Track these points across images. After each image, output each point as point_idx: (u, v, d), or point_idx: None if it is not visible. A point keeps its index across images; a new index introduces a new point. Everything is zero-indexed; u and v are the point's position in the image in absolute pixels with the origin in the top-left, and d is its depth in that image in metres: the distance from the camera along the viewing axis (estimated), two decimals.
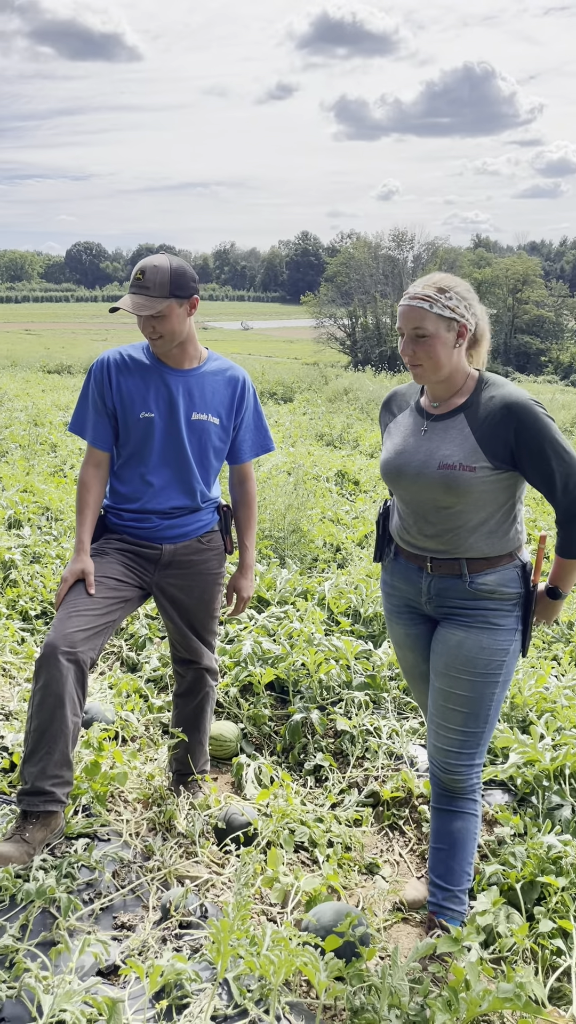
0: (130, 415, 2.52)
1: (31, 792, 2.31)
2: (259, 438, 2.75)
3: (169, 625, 2.75)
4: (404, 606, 2.37)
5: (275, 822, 2.62)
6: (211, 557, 2.71)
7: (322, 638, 3.72)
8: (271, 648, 3.67)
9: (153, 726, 3.41)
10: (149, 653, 4.02)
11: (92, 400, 2.56)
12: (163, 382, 2.53)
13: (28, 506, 6.14)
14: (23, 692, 3.40)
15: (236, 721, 3.46)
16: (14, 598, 4.52)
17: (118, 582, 2.51)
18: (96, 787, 2.63)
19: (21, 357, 27.10)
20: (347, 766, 3.16)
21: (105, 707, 3.31)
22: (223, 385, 2.61)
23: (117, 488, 2.63)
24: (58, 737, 2.30)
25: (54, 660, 2.28)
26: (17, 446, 9.30)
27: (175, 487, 2.58)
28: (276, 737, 3.40)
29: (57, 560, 5.00)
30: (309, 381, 20.62)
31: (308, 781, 3.11)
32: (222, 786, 3.13)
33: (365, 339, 46.41)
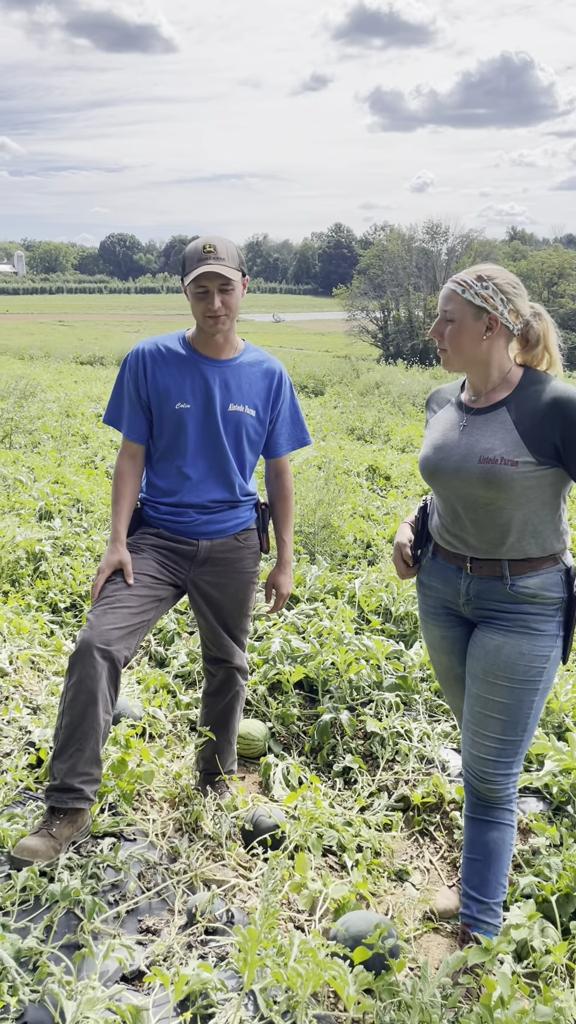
0: (165, 406, 2.48)
1: (60, 788, 2.28)
2: (295, 431, 2.71)
3: (202, 623, 2.71)
4: (441, 607, 2.30)
5: (303, 825, 2.57)
6: (247, 555, 2.67)
7: (352, 637, 3.66)
8: (300, 646, 3.62)
9: (180, 723, 3.38)
10: (178, 648, 3.98)
11: (127, 391, 2.53)
12: (200, 373, 2.48)
13: (59, 498, 6.15)
14: (51, 686, 3.38)
15: (264, 720, 3.42)
16: (44, 590, 4.52)
17: (154, 579, 2.48)
18: (123, 785, 2.60)
19: (54, 348, 27.28)
20: (377, 769, 3.10)
21: (133, 703, 3.29)
22: (260, 377, 2.56)
23: (154, 481, 2.59)
24: (89, 734, 2.27)
25: (88, 656, 2.25)
26: (49, 437, 9.34)
27: (213, 480, 2.54)
28: (304, 737, 3.35)
29: (87, 552, 4.99)
30: (340, 374, 20.49)
31: (337, 783, 3.05)
32: (249, 786, 3.09)
33: (397, 332, 46.06)
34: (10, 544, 4.78)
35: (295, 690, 3.53)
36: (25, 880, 2.09)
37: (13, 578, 4.63)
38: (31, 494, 6.19)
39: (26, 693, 3.31)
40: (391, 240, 51.93)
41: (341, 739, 3.22)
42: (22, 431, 9.38)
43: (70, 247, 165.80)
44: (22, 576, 4.63)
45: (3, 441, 8.93)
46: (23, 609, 4.24)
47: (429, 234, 49.94)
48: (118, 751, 2.76)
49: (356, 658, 3.47)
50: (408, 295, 46.49)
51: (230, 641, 2.73)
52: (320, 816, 2.65)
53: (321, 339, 52.55)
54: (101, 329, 50.85)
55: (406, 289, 46.74)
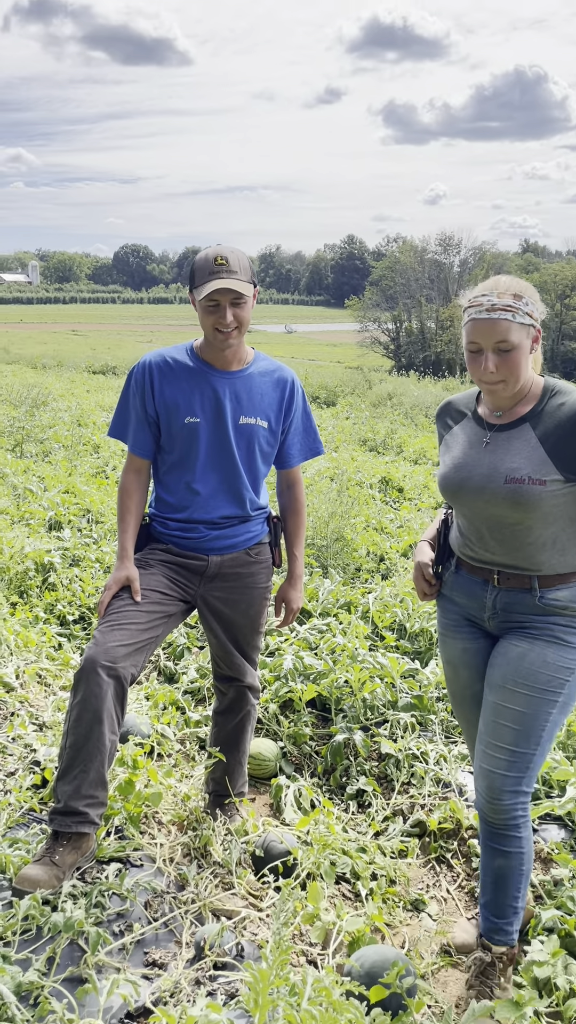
0: (174, 421, 2.40)
1: (63, 812, 2.20)
2: (308, 441, 2.63)
3: (212, 640, 2.63)
4: (463, 620, 2.21)
5: (316, 852, 2.48)
6: (259, 571, 2.59)
7: (366, 654, 3.57)
8: (313, 663, 3.53)
9: (190, 741, 3.30)
10: (187, 664, 3.91)
11: (132, 406, 2.46)
12: (209, 385, 2.41)
13: (69, 507, 6.09)
14: (58, 702, 3.31)
15: (275, 739, 3.33)
16: (52, 602, 4.45)
17: (162, 595, 2.40)
18: (130, 808, 2.52)
19: (67, 357, 27.37)
20: (392, 792, 3.01)
21: (141, 719, 3.20)
22: (271, 387, 2.49)
23: (163, 496, 2.52)
24: (94, 755, 2.19)
25: (93, 675, 2.17)
26: (60, 446, 9.31)
27: (223, 495, 2.47)
28: (317, 758, 3.26)
29: (96, 564, 4.93)
30: (352, 385, 20.44)
31: (350, 806, 2.96)
32: (259, 807, 3.01)
33: (409, 344, 46.06)
34: (19, 555, 4.72)
35: (307, 709, 3.44)
36: (27, 909, 2.01)
37: (21, 589, 4.57)
38: (41, 504, 6.14)
39: (32, 709, 3.24)
40: (404, 252, 52.01)
41: (355, 760, 3.13)
42: (33, 440, 9.35)
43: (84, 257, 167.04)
44: (30, 587, 4.56)
45: (14, 450, 8.90)
46: (31, 621, 4.17)
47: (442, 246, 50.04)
48: (125, 771, 2.67)
49: (370, 676, 3.39)
50: (420, 306, 46.52)
51: (241, 659, 2.65)
52: (333, 842, 2.56)
53: (333, 350, 52.60)
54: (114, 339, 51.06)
55: (418, 301, 46.77)
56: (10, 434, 9.41)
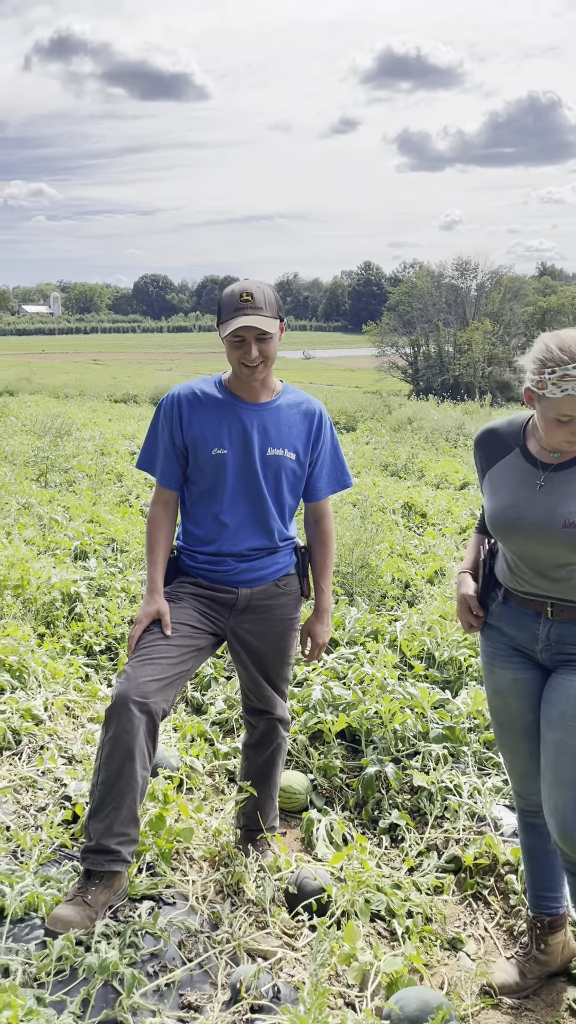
0: (202, 452, 2.41)
1: (96, 850, 2.18)
2: (336, 473, 2.62)
3: (242, 673, 2.62)
4: (512, 651, 2.16)
5: (350, 889, 2.43)
6: (288, 602, 2.58)
7: (395, 684, 3.52)
8: (342, 694, 3.49)
9: (219, 773, 3.26)
10: (215, 694, 3.88)
11: (161, 438, 2.47)
12: (237, 417, 2.42)
13: (94, 537, 6.11)
14: (87, 734, 3.29)
15: (305, 771, 3.29)
16: (79, 632, 4.45)
17: (193, 629, 2.40)
18: (161, 843, 2.49)
19: (89, 387, 27.61)
20: (425, 826, 2.95)
21: (169, 752, 3.18)
22: (299, 419, 2.49)
23: (191, 529, 2.52)
24: (126, 792, 2.18)
25: (125, 710, 2.16)
26: (84, 475, 9.37)
27: (251, 527, 2.46)
28: (348, 790, 3.21)
29: (122, 593, 4.93)
30: (372, 410, 20.41)
31: (383, 841, 2.91)
32: (291, 842, 2.96)
33: (427, 368, 46.14)
34: (45, 585, 4.73)
35: (337, 740, 3.40)
36: (61, 949, 1.98)
37: (48, 620, 4.57)
38: (66, 534, 6.16)
39: (61, 742, 3.22)
40: (420, 277, 52.30)
41: (387, 793, 3.08)
42: (58, 469, 9.42)
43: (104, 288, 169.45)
44: (57, 618, 4.57)
45: (39, 480, 8.97)
46: (58, 652, 4.17)
47: (458, 270, 50.24)
48: (155, 806, 2.64)
49: (401, 707, 3.34)
50: (438, 330, 46.64)
51: (271, 691, 2.63)
52: (367, 879, 2.51)
53: (351, 375, 52.78)
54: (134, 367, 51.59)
55: (436, 325, 46.91)
56: (35, 464, 9.49)
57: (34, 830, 2.62)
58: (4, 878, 2.25)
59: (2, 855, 2.43)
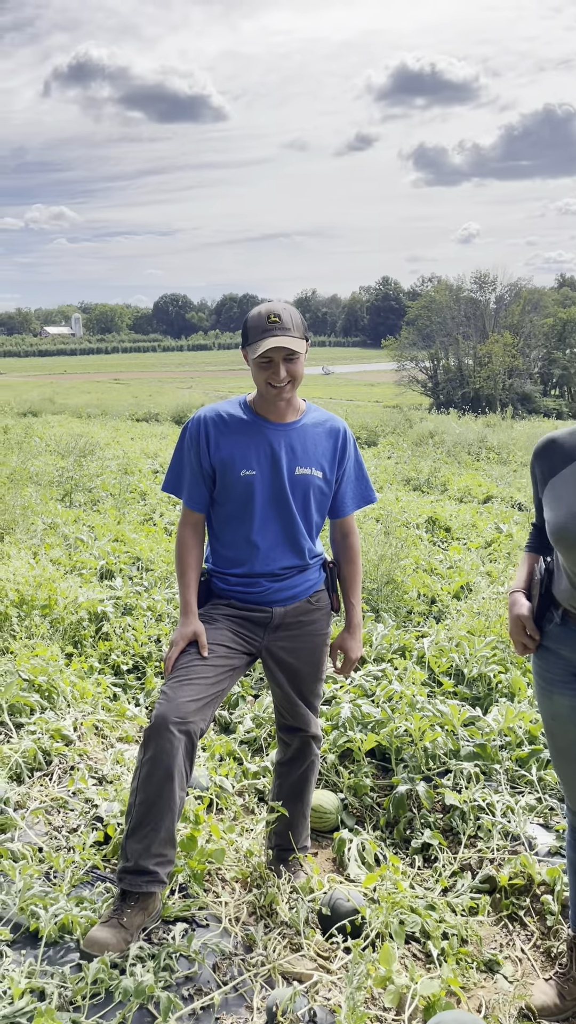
0: (230, 474, 2.42)
1: (133, 871, 2.18)
2: (360, 489, 2.64)
3: (276, 691, 2.62)
4: (570, 675, 2.10)
5: (384, 911, 2.41)
6: (320, 617, 2.59)
7: (425, 701, 3.50)
8: (371, 711, 3.47)
9: (248, 793, 3.25)
10: (242, 713, 3.87)
11: (188, 461, 2.49)
12: (265, 438, 2.43)
13: (119, 556, 6.15)
14: (116, 754, 3.30)
15: (335, 791, 3.27)
16: (106, 651, 4.47)
17: (228, 649, 2.41)
18: (193, 864, 2.49)
19: (110, 406, 27.88)
20: (458, 845, 2.92)
21: (199, 772, 3.18)
22: (324, 437, 2.51)
23: (221, 551, 2.53)
24: (165, 813, 2.18)
25: (165, 731, 2.18)
26: (108, 495, 9.44)
27: (282, 546, 2.48)
28: (379, 810, 3.18)
29: (149, 612, 4.95)
30: (393, 424, 20.40)
31: (415, 861, 2.88)
32: (322, 862, 2.94)
33: (447, 381, 46.08)
34: (72, 605, 4.76)
35: (367, 759, 3.38)
36: (96, 972, 1.98)
37: (75, 639, 4.60)
38: (92, 553, 6.21)
39: (91, 762, 3.23)
40: (439, 291, 52.34)
41: (418, 812, 3.05)
42: (82, 489, 9.50)
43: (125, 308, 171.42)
44: (84, 637, 4.59)
45: (64, 500, 9.05)
46: (86, 672, 4.19)
47: (477, 284, 50.25)
48: (186, 827, 2.64)
49: (431, 724, 3.31)
50: (457, 344, 46.62)
51: (305, 708, 2.63)
52: (401, 900, 2.48)
53: (371, 390, 52.83)
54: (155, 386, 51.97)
55: (455, 338, 46.89)
56: (59, 484, 9.58)
57: (66, 851, 2.63)
58: (38, 900, 2.26)
59: (35, 877, 2.44)
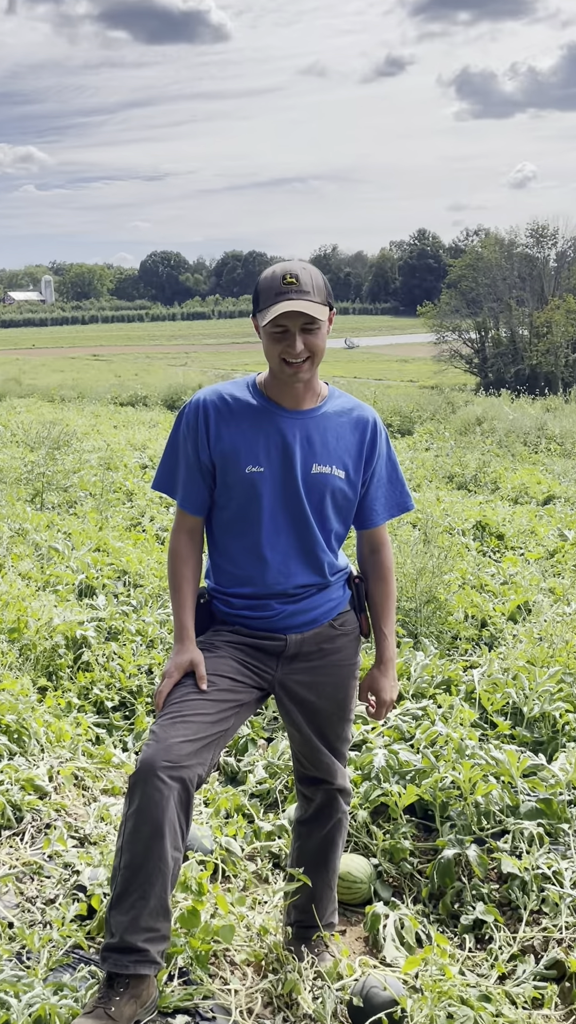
0: (232, 470, 2.43)
1: (119, 948, 2.18)
2: (394, 494, 2.64)
3: (294, 734, 2.63)
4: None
5: (429, 1003, 2.40)
6: (346, 644, 2.60)
7: (475, 746, 3.50)
8: (410, 759, 3.49)
9: (261, 857, 3.27)
10: (253, 760, 3.88)
11: (183, 452, 2.49)
12: (276, 427, 2.43)
13: (102, 569, 6.18)
14: (101, 809, 3.32)
15: (367, 855, 3.28)
16: (87, 684, 4.49)
17: (233, 682, 2.41)
18: (196, 944, 2.50)
19: (89, 387, 28.01)
20: (518, 923, 2.92)
21: (201, 831, 3.20)
22: (349, 429, 2.51)
23: (223, 566, 2.54)
24: (154, 878, 2.18)
25: (152, 778, 2.17)
26: (87, 494, 9.49)
27: (296, 560, 2.48)
28: (420, 878, 3.19)
29: (138, 637, 4.97)
30: (431, 409, 20.41)
31: (466, 941, 2.88)
32: (352, 942, 2.96)
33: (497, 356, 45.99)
34: (46, 628, 4.79)
35: (406, 816, 3.39)
36: None
37: (50, 670, 4.63)
38: (69, 565, 6.25)
39: (71, 819, 3.25)
40: (487, 246, 52.29)
41: (469, 882, 3.06)
42: (55, 488, 9.56)
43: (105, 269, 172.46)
44: (61, 667, 4.62)
45: (34, 501, 9.11)
46: (63, 709, 4.21)
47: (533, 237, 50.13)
48: (187, 898, 2.65)
49: (483, 775, 3.31)
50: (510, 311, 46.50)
51: (329, 756, 2.64)
52: (449, 989, 2.48)
53: (404, 367, 52.88)
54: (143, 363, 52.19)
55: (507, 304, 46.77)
56: (28, 482, 9.63)
57: (42, 927, 2.65)
58: (9, 987, 2.27)
59: (5, 958, 2.45)
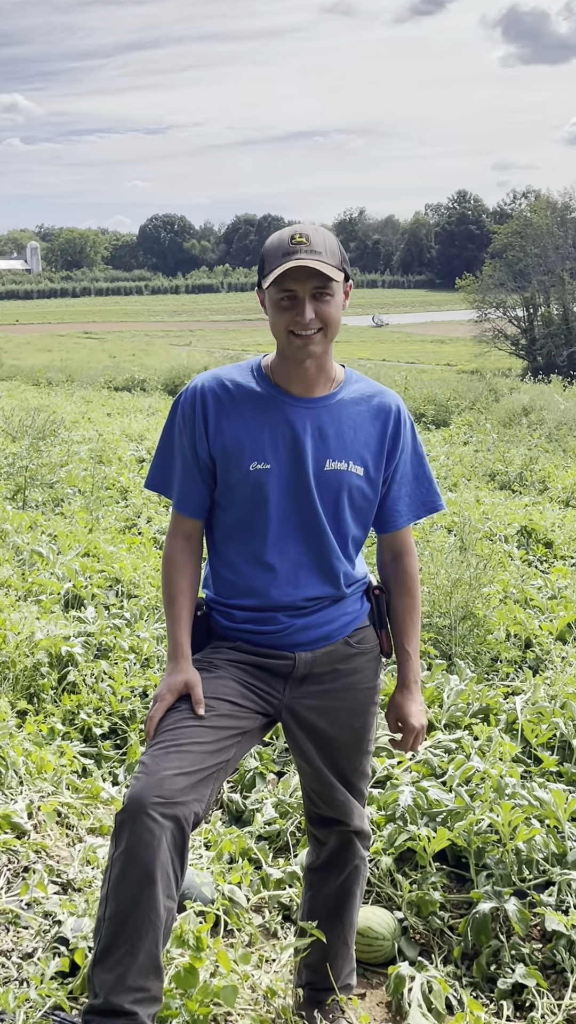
0: (235, 467, 2.44)
1: (104, 1011, 2.19)
2: (420, 492, 2.66)
3: (304, 767, 2.64)
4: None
5: None
6: (363, 664, 2.61)
7: (517, 785, 3.51)
8: (441, 798, 3.50)
9: (269, 908, 3.29)
10: (261, 797, 3.90)
11: (178, 447, 2.51)
12: (283, 417, 2.44)
13: (91, 577, 6.22)
14: (86, 851, 3.34)
15: (391, 907, 3.29)
16: (73, 708, 4.52)
17: (234, 706, 2.42)
18: (193, 1007, 2.51)
19: (79, 369, 28.21)
20: (564, 988, 2.93)
21: (201, 877, 3.21)
22: (368, 418, 2.52)
23: (224, 575, 2.55)
24: (144, 930, 2.19)
25: (142, 816, 2.18)
26: (76, 491, 9.55)
27: (307, 570, 2.50)
28: (452, 935, 3.20)
29: (131, 655, 4.99)
30: (471, 397, 20.45)
31: (503, 1008, 2.89)
32: (372, 1007, 2.98)
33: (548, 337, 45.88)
34: (27, 643, 4.81)
35: (436, 864, 3.39)
36: None
37: (31, 691, 4.66)
38: (54, 572, 6.28)
39: (52, 862, 3.28)
40: (537, 211, 52.28)
41: (507, 940, 3.07)
42: (40, 484, 9.62)
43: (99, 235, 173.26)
44: (43, 689, 4.65)
45: (15, 498, 9.16)
46: (45, 736, 4.24)
47: None
48: (184, 954, 2.66)
49: (526, 818, 3.32)
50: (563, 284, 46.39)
51: (345, 792, 2.65)
52: None
53: (441, 349, 52.91)
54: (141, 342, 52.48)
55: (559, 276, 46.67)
56: (9, 476, 9.71)
57: (18, 985, 2.67)
58: None
59: None
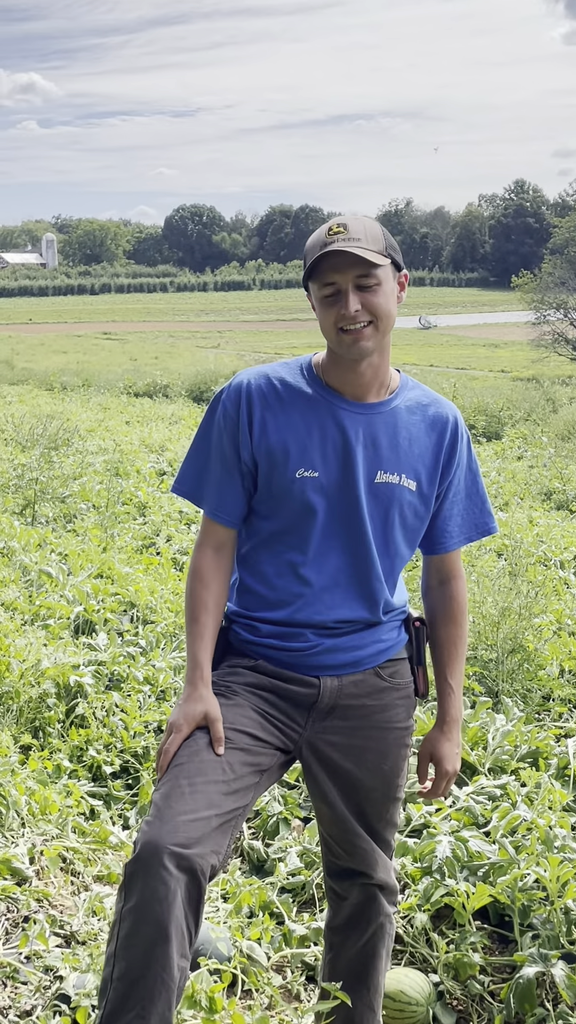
0: (279, 473, 2.45)
1: None
2: (473, 512, 2.66)
3: (323, 811, 2.64)
4: None
5: None
6: (395, 701, 2.60)
7: (567, 836, 3.49)
8: (483, 849, 3.49)
9: (292, 967, 3.28)
10: (285, 845, 3.90)
11: (216, 448, 2.52)
12: (335, 422, 2.46)
13: (104, 600, 6.25)
14: (92, 900, 3.36)
15: (426, 970, 3.29)
16: (81, 744, 4.54)
17: (253, 740, 2.43)
18: None
19: (97, 373, 28.37)
20: None
21: (217, 932, 3.22)
22: (424, 429, 2.53)
23: (252, 586, 2.57)
24: (156, 992, 2.19)
25: (155, 867, 2.18)
26: (90, 507, 9.60)
27: (345, 590, 2.51)
28: (493, 1002, 3.19)
29: (146, 686, 5.01)
30: (527, 407, 20.39)
31: None
32: None
33: None
34: (32, 672, 4.85)
35: (476, 922, 3.39)
36: None
37: (36, 725, 4.68)
38: (64, 594, 6.33)
39: (55, 912, 3.30)
40: None
41: (554, 1009, 3.06)
42: (51, 498, 9.69)
43: (121, 227, 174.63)
44: (49, 722, 4.68)
45: (23, 513, 9.23)
46: (50, 774, 4.26)
47: None
48: (196, 1016, 2.68)
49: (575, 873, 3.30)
50: None
51: (369, 842, 2.64)
52: None
53: (494, 353, 52.76)
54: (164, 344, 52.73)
55: None
56: (17, 489, 9.76)
57: None
58: None
59: None
